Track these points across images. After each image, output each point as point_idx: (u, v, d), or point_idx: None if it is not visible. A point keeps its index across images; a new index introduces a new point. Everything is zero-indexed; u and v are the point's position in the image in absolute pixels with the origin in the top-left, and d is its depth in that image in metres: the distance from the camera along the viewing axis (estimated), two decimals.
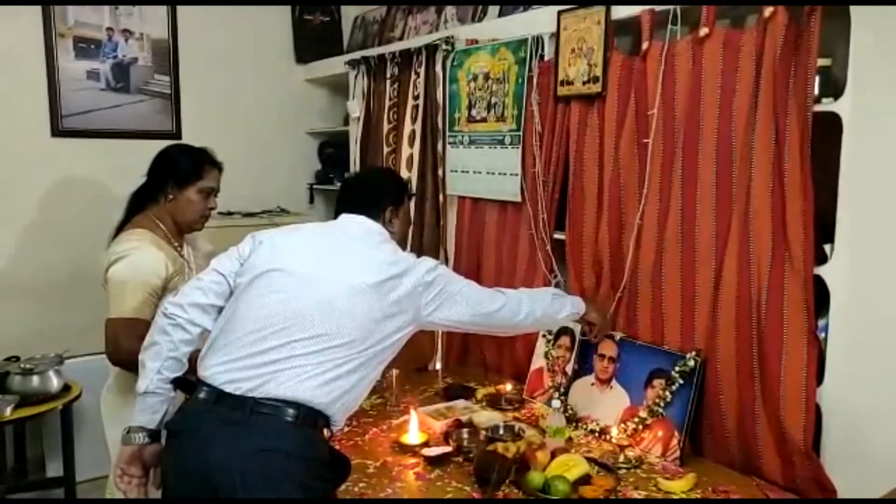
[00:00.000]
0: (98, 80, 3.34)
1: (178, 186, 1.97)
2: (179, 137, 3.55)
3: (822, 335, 1.71)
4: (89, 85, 3.32)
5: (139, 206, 2.02)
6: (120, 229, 1.98)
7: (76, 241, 3.34)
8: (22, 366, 2.77)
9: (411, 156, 2.99)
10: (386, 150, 3.10)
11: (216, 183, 2.04)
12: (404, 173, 3.02)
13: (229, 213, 3.52)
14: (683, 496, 1.70)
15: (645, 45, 2.01)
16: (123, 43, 3.38)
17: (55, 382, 2.83)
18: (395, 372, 2.31)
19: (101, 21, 3.31)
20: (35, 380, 2.78)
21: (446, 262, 2.89)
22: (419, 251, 2.95)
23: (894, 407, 1.59)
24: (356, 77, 3.33)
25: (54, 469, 3.13)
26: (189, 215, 2.00)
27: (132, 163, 3.39)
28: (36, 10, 3.16)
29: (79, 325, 3.32)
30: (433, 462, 1.86)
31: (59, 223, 3.31)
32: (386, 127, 3.11)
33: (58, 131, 3.26)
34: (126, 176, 3.39)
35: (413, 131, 2.96)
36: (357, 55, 3.34)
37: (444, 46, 2.75)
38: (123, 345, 1.78)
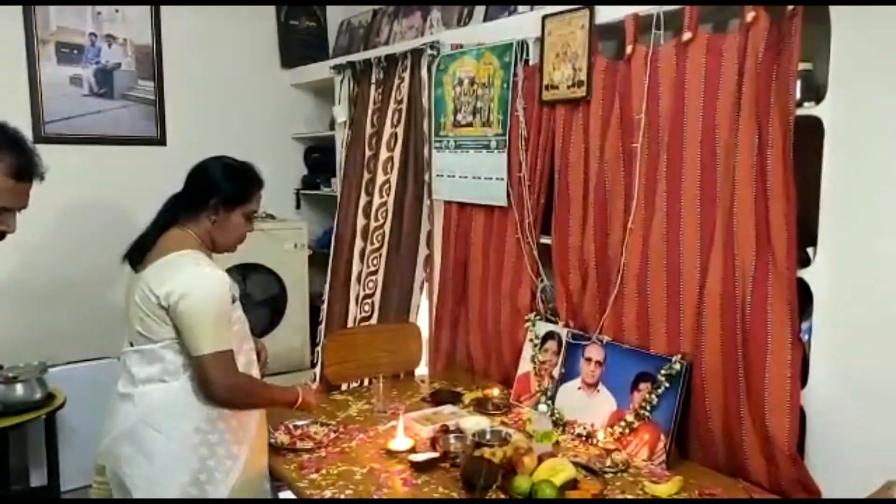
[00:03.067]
0: (81, 85, 3.31)
1: (226, 207, 1.78)
2: (164, 144, 3.53)
3: (806, 338, 1.72)
4: (72, 91, 3.29)
5: (172, 220, 1.81)
6: (150, 241, 1.77)
7: (59, 248, 3.31)
8: (5, 374, 2.73)
9: (390, 159, 2.99)
10: (367, 153, 3.10)
11: (259, 204, 1.89)
12: (382, 177, 3.02)
13: None
14: (670, 499, 1.70)
15: (629, 50, 2.02)
16: (106, 48, 3.35)
17: (38, 391, 2.80)
18: (381, 378, 2.31)
19: (84, 26, 3.28)
20: (18, 388, 2.74)
21: (424, 266, 2.89)
22: (397, 254, 2.96)
23: (878, 409, 1.60)
24: (342, 82, 3.33)
25: (38, 479, 3.10)
26: (231, 239, 1.84)
27: (116, 169, 3.42)
28: (17, 15, 3.13)
29: (63, 333, 3.29)
30: (420, 468, 1.85)
31: (42, 229, 3.27)
32: (368, 131, 3.10)
33: (40, 137, 3.22)
34: (109, 182, 3.41)
35: (393, 135, 2.96)
36: (342, 60, 3.34)
37: (429, 51, 2.75)
38: (221, 380, 1.66)
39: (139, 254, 1.76)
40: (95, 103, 3.36)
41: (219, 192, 1.76)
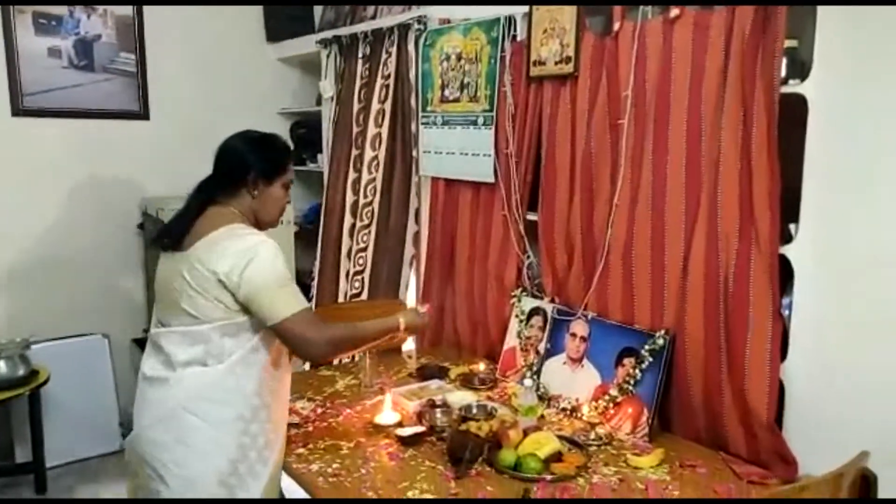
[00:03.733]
0: (60, 57, 3.25)
1: (265, 181, 1.74)
2: (147, 118, 3.49)
3: (786, 313, 1.75)
4: (51, 63, 3.23)
5: (208, 199, 1.74)
6: (187, 222, 1.68)
7: (40, 224, 3.27)
8: None
9: (378, 135, 2.98)
10: (355, 129, 3.08)
11: (293, 173, 1.85)
12: (370, 153, 3.00)
13: None
14: (652, 471, 1.74)
15: (617, 26, 2.01)
16: (86, 19, 3.29)
17: (21, 367, 2.79)
18: (368, 353, 2.32)
19: None
20: (1, 365, 2.74)
21: (413, 242, 2.89)
22: (386, 232, 2.95)
23: (853, 382, 1.64)
24: (328, 56, 3.29)
25: (23, 455, 3.09)
26: (274, 212, 1.80)
27: (98, 143, 3.38)
28: None
29: (45, 310, 3.28)
30: (407, 442, 1.88)
31: (22, 206, 3.23)
32: (356, 107, 3.08)
33: (18, 110, 3.17)
34: (91, 157, 3.37)
35: (381, 110, 2.94)
36: (328, 34, 3.30)
37: (416, 26, 2.73)
38: (316, 337, 1.62)
39: (177, 236, 1.65)
40: (75, 76, 3.30)
41: (255, 165, 1.71)
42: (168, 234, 1.69)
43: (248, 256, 1.57)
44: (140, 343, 3.54)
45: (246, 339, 1.62)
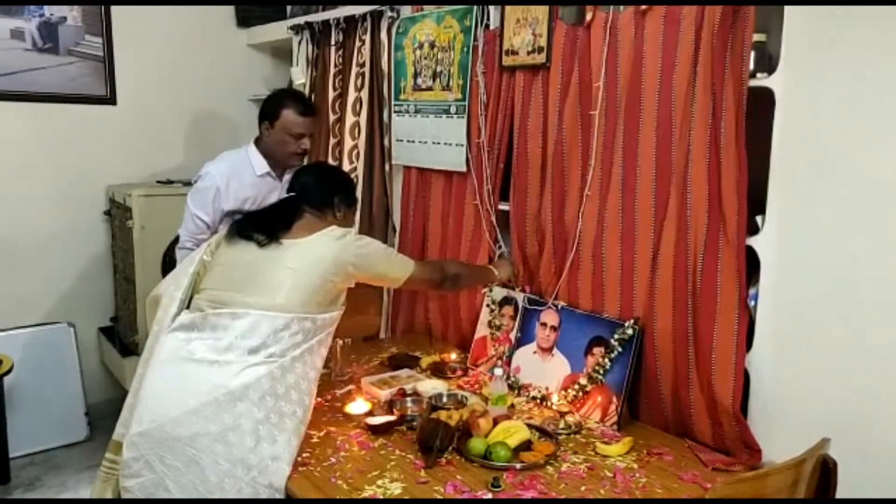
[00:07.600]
0: (23, 39, 3.16)
1: (346, 206, 1.99)
2: (114, 103, 3.41)
3: (752, 303, 1.78)
4: (14, 45, 3.14)
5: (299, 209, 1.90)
6: (283, 223, 1.82)
7: (4, 210, 3.19)
8: None
9: (356, 124, 2.95)
10: (332, 117, 3.05)
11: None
12: (349, 142, 2.98)
13: (169, 182, 3.41)
14: (620, 459, 1.76)
15: (589, 16, 2.01)
16: None
17: None
18: (339, 342, 2.30)
19: None
20: None
21: (394, 232, 2.88)
22: (368, 222, 2.94)
23: (815, 372, 1.67)
24: (300, 43, 3.25)
25: None
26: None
27: (63, 128, 3.30)
28: None
29: (9, 298, 3.20)
30: (377, 431, 1.87)
31: None
32: (331, 94, 3.05)
33: None
34: (56, 142, 3.29)
35: (358, 99, 2.91)
36: (300, 20, 3.25)
37: (389, 13, 2.70)
38: (438, 277, 2.03)
39: (272, 231, 1.79)
40: (39, 59, 3.22)
41: (341, 192, 1.96)
42: (258, 228, 1.81)
43: (356, 243, 1.81)
44: (106, 332, 3.48)
45: (311, 336, 1.73)
